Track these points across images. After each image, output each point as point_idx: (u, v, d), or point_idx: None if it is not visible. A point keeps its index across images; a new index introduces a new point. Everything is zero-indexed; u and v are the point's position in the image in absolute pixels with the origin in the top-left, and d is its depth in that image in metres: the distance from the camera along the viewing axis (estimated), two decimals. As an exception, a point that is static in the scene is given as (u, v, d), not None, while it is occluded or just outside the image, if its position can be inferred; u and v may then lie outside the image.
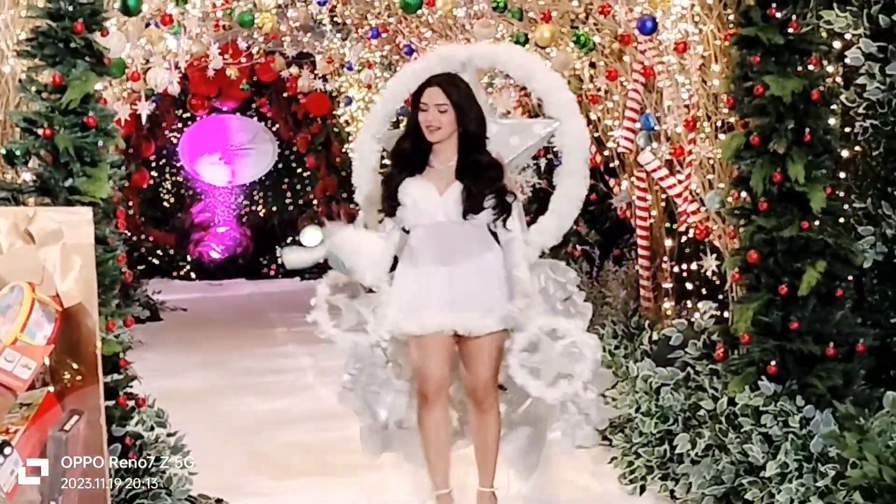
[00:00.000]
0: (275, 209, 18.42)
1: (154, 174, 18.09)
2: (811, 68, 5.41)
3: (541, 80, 5.17)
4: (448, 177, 4.85)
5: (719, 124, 6.34)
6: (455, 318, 4.79)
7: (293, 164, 18.56)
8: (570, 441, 5.03)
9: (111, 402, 4.89)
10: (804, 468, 4.90)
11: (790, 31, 5.32)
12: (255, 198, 18.62)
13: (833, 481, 4.76)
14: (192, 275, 18.14)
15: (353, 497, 5.63)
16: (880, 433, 4.77)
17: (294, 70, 13.25)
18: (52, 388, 4.08)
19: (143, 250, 17.65)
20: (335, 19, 11.17)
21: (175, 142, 18.27)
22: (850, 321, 5.37)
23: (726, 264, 6.08)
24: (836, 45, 5.71)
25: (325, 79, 13.12)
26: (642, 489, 5.70)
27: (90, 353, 4.10)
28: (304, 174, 18.51)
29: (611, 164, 8.56)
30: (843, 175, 5.70)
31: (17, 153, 4.99)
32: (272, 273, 17.82)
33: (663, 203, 7.60)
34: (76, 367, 4.10)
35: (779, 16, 5.31)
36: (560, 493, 5.69)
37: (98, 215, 4.76)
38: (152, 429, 5.33)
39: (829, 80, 5.72)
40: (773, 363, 5.31)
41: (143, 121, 9.21)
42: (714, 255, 6.60)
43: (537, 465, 5.10)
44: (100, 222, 4.82)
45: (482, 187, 4.80)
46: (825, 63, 5.71)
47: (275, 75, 14.00)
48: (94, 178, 4.95)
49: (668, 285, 7.49)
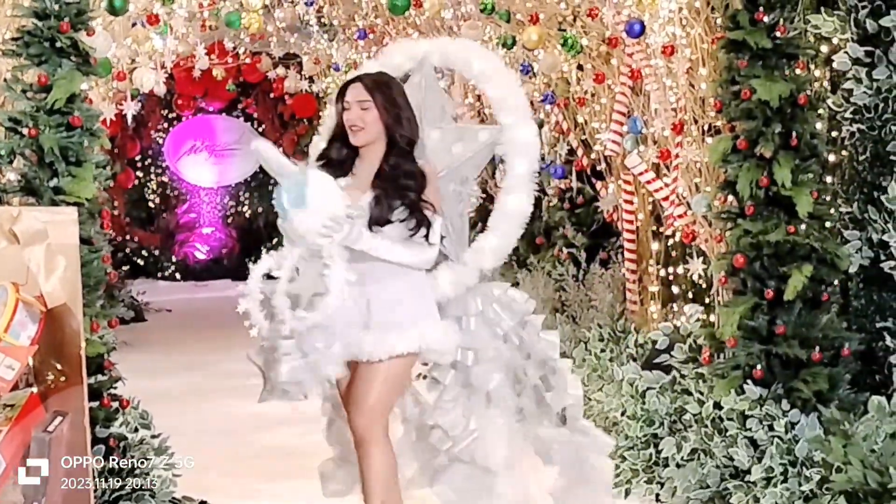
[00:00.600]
0: (260, 210, 18.35)
1: (139, 174, 18.05)
2: (798, 72, 5.43)
3: (495, 82, 4.68)
4: (366, 185, 4.37)
5: (706, 128, 6.35)
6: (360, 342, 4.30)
7: (279, 165, 18.50)
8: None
9: (95, 404, 4.87)
10: (789, 472, 4.90)
11: (778, 34, 5.33)
12: (241, 199, 18.57)
13: (818, 486, 4.76)
14: (177, 276, 18.11)
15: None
16: (865, 438, 4.78)
17: (281, 71, 13.23)
18: (35, 389, 4.05)
19: (128, 251, 17.60)
20: (322, 20, 11.16)
21: (160, 142, 18.22)
22: (835, 326, 5.38)
23: (713, 268, 6.09)
24: (824, 49, 5.72)
25: (311, 80, 13.09)
26: (627, 492, 5.71)
27: (74, 354, 4.07)
28: (291, 175, 18.45)
29: (598, 167, 8.57)
30: (829, 179, 5.72)
31: (2, 153, 4.96)
32: (258, 274, 17.75)
33: (650, 206, 7.60)
34: (60, 367, 4.07)
35: (766, 20, 5.32)
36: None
37: (83, 215, 4.74)
38: (136, 430, 5.30)
39: (816, 85, 5.74)
40: (758, 367, 5.31)
41: (128, 121, 9.17)
42: (700, 258, 6.60)
43: None
44: (85, 223, 4.80)
45: (392, 198, 4.30)
46: (812, 67, 5.73)
47: (261, 76, 13.97)
48: (79, 179, 4.93)
49: (654, 288, 7.49)
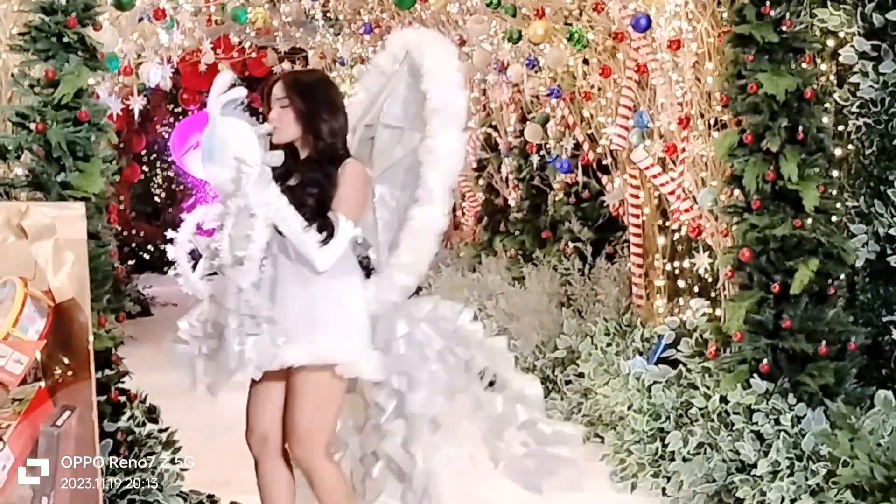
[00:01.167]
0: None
1: (145, 169, 18.08)
2: (805, 66, 5.43)
3: (438, 84, 4.24)
4: None
5: (712, 122, 6.34)
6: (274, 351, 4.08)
7: (284, 159, 18.52)
8: None
9: (103, 398, 4.89)
10: (795, 466, 4.91)
11: (784, 29, 5.33)
12: (247, 193, 18.56)
13: (824, 479, 4.77)
14: (183, 270, 18.09)
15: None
16: (871, 432, 4.78)
17: (286, 65, 13.23)
18: (43, 384, 4.07)
19: (134, 245, 17.62)
20: (328, 14, 11.16)
21: (166, 136, 18.24)
22: (842, 320, 5.38)
23: (719, 262, 6.09)
24: (830, 43, 5.72)
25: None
26: (634, 486, 5.72)
27: (82, 349, 4.08)
28: (296, 169, 18.48)
29: (604, 162, 8.56)
30: (835, 173, 5.72)
31: (10, 147, 4.97)
32: (263, 268, 17.77)
33: (656, 200, 7.60)
34: (68, 362, 4.08)
35: (773, 14, 5.32)
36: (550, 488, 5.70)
37: (90, 210, 4.75)
38: (144, 424, 5.32)
39: (822, 79, 5.74)
40: (765, 361, 5.32)
41: (135, 116, 9.19)
42: (707, 252, 6.59)
43: None
44: (92, 217, 4.80)
45: (296, 204, 4.07)
46: (819, 61, 5.73)
47: (267, 70, 13.97)
48: (86, 173, 4.94)
49: (660, 283, 7.49)
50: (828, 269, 5.35)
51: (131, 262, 15.78)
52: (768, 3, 5.31)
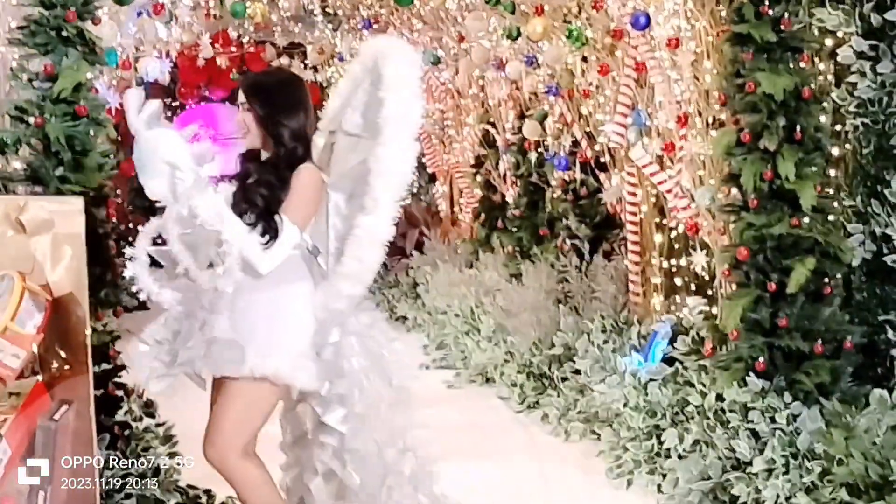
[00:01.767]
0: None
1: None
2: (803, 66, 5.44)
3: (395, 94, 4.14)
4: None
5: (710, 120, 6.34)
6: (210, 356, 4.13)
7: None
8: None
9: (100, 392, 4.89)
10: (791, 464, 4.92)
11: (782, 28, 5.34)
12: (245, 187, 18.54)
13: (819, 478, 4.78)
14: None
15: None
16: (867, 430, 4.80)
17: (284, 60, 13.22)
18: (41, 378, 4.08)
19: (131, 239, 17.55)
20: (327, 10, 11.15)
21: (164, 131, 18.20)
22: (838, 318, 5.39)
23: (716, 260, 6.11)
24: (828, 42, 5.72)
25: (315, 69, 13.08)
26: (629, 483, 5.73)
27: (80, 343, 4.09)
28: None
29: (601, 159, 8.56)
30: (833, 173, 5.72)
31: (8, 142, 4.97)
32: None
33: (653, 198, 7.60)
34: (65, 356, 4.09)
35: (771, 13, 5.33)
36: (547, 485, 5.73)
37: (88, 204, 4.75)
38: (141, 419, 5.32)
39: (820, 78, 5.74)
40: (761, 359, 5.33)
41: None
42: (704, 251, 6.60)
43: None
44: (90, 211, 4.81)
45: (243, 203, 4.13)
46: (817, 61, 5.73)
47: (265, 65, 13.97)
48: (85, 168, 4.95)
49: (657, 280, 7.49)
50: (824, 268, 5.36)
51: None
52: (767, 3, 5.32)
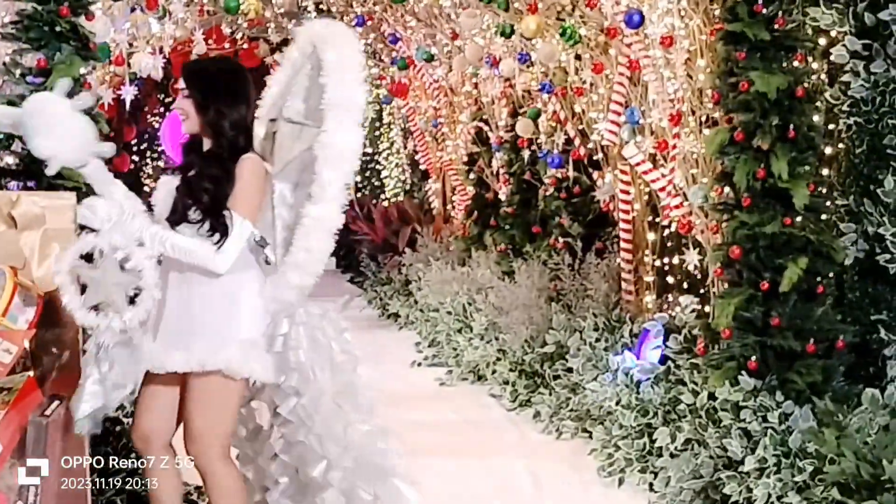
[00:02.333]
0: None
1: (135, 159, 18.02)
2: (796, 65, 5.44)
3: (337, 77, 4.06)
4: None
5: (704, 119, 6.35)
6: (154, 351, 4.05)
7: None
8: None
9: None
10: (782, 463, 4.92)
11: (776, 27, 5.34)
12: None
13: (811, 477, 4.78)
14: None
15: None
16: (858, 430, 4.80)
17: (278, 56, 13.17)
18: (32, 373, 4.07)
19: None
20: (320, 6, 11.15)
21: (157, 126, 18.18)
22: (830, 318, 5.40)
23: (708, 259, 6.11)
24: (822, 42, 5.73)
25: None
26: (621, 481, 5.73)
27: (71, 338, 4.09)
28: (286, 160, 18.44)
29: (595, 157, 8.56)
30: (826, 172, 5.73)
31: (0, 136, 4.96)
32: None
33: (646, 197, 7.61)
34: (57, 351, 4.09)
35: (765, 12, 5.33)
36: (539, 483, 5.72)
37: (81, 200, 4.73)
38: (131, 415, 5.30)
39: (813, 77, 5.75)
40: (753, 358, 5.33)
41: (126, 105, 9.16)
42: (696, 249, 6.61)
43: None
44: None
45: (186, 198, 4.02)
46: (810, 60, 5.74)
47: (258, 61, 13.94)
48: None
49: (649, 279, 7.50)
50: (817, 267, 5.37)
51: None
52: (761, 1, 5.32)
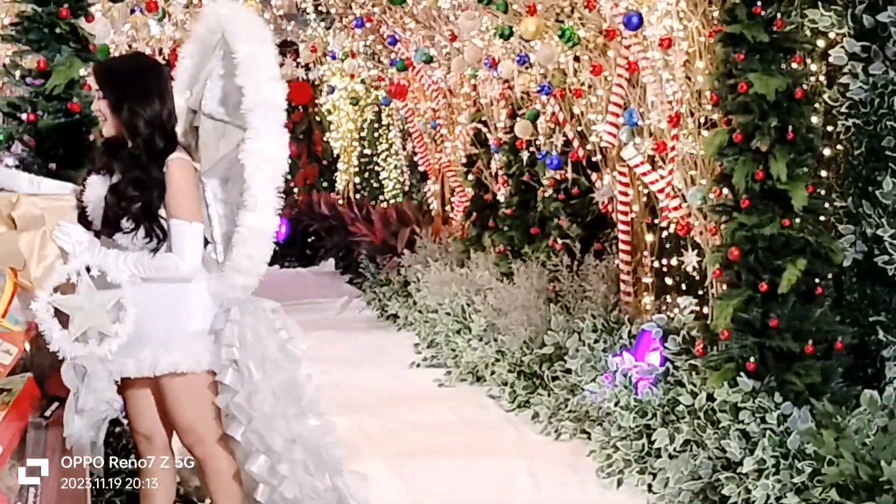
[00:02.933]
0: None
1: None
2: (795, 66, 5.45)
3: (251, 74, 4.06)
4: None
5: (702, 121, 6.36)
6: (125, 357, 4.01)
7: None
8: None
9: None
10: (781, 465, 4.92)
11: (775, 29, 5.34)
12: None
13: (810, 478, 4.78)
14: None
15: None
16: (857, 431, 4.80)
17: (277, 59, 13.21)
18: (32, 374, 4.07)
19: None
20: (319, 8, 11.16)
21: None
22: (829, 319, 5.40)
23: (707, 261, 6.11)
24: (820, 43, 5.74)
25: (308, 67, 13.09)
26: (619, 482, 5.72)
27: (71, 340, 4.08)
28: (285, 162, 18.41)
29: (593, 159, 8.56)
30: (824, 174, 5.74)
31: (1, 138, 4.97)
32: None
33: (645, 198, 7.61)
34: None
35: (764, 14, 5.33)
36: (537, 484, 5.72)
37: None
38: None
39: (812, 79, 5.76)
40: (751, 360, 5.33)
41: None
42: (695, 251, 6.61)
43: None
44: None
45: (115, 207, 3.98)
46: (809, 62, 5.74)
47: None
48: (77, 165, 4.94)
49: (648, 280, 7.50)
50: (815, 268, 5.37)
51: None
52: (759, 3, 5.32)
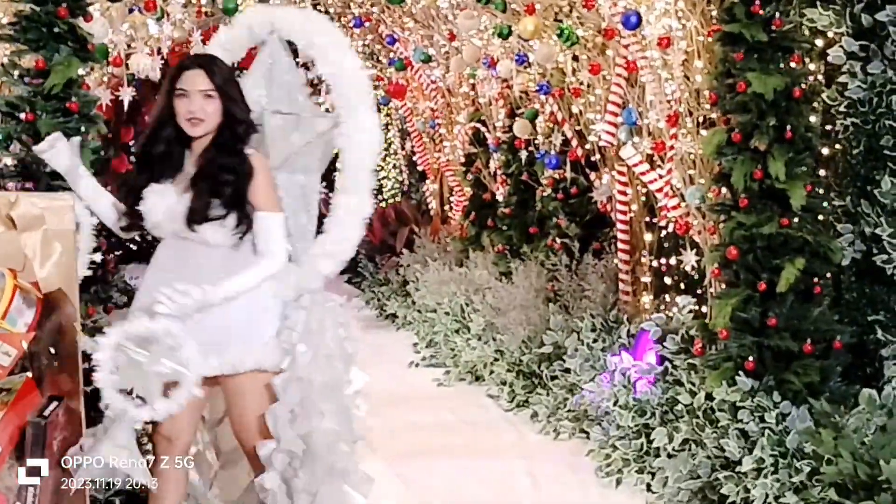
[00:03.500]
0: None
1: (133, 160, 18.00)
2: (793, 66, 5.45)
3: (331, 60, 4.15)
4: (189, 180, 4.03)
5: (701, 120, 6.36)
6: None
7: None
8: None
9: (90, 388, 4.87)
10: (780, 464, 4.93)
11: (773, 28, 5.34)
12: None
13: (808, 477, 4.79)
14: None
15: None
16: (856, 430, 4.80)
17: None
18: (31, 374, 4.07)
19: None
20: (318, 7, 11.14)
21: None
22: (827, 318, 5.41)
23: (706, 260, 6.11)
24: (819, 43, 5.74)
25: (306, 67, 13.05)
26: (618, 482, 5.73)
27: (70, 340, 4.08)
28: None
29: (592, 158, 8.57)
30: (823, 173, 5.74)
31: (-1, 137, 4.98)
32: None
33: (644, 197, 7.61)
34: (56, 353, 4.08)
35: (762, 13, 5.34)
36: (537, 484, 5.73)
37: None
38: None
39: (810, 78, 5.76)
40: (750, 359, 5.34)
41: (124, 107, 9.16)
42: (694, 250, 6.61)
43: None
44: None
45: (207, 194, 3.93)
46: (807, 61, 5.74)
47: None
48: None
49: (647, 279, 7.51)
50: (814, 267, 5.38)
51: (118, 253, 15.70)
52: (758, 2, 5.33)
